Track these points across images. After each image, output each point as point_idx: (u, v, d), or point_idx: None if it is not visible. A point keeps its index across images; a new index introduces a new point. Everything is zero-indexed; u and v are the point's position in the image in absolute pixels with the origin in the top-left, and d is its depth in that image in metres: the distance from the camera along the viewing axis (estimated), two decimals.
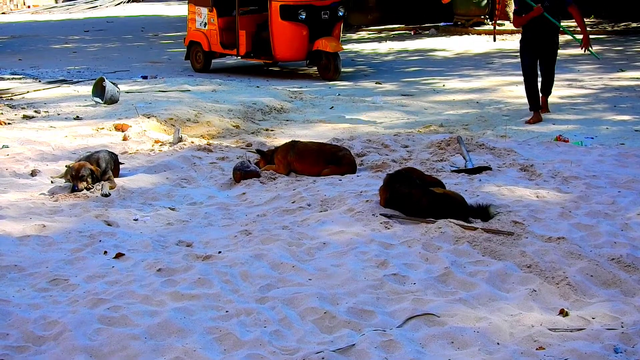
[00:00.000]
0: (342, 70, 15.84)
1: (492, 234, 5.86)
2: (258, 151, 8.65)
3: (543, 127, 10.41)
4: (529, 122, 10.79)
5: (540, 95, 11.02)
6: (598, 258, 5.42)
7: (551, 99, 10.99)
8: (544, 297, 4.92)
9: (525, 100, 11.07)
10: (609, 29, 21.84)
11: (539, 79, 10.98)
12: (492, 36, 21.05)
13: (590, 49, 10.92)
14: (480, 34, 21.78)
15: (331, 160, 8.17)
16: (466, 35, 21.91)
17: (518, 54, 11.15)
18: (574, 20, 11.09)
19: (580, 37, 11.02)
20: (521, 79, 11.11)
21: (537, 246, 5.60)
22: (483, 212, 6.31)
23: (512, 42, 19.02)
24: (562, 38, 16.27)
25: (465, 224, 6.09)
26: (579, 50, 11.78)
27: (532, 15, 10.53)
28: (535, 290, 4.97)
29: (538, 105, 10.95)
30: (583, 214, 6.41)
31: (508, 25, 20.94)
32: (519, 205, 6.60)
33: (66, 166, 7.91)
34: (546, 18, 10.50)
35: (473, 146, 8.87)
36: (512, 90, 13.42)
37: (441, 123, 11.14)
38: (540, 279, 5.14)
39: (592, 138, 9.83)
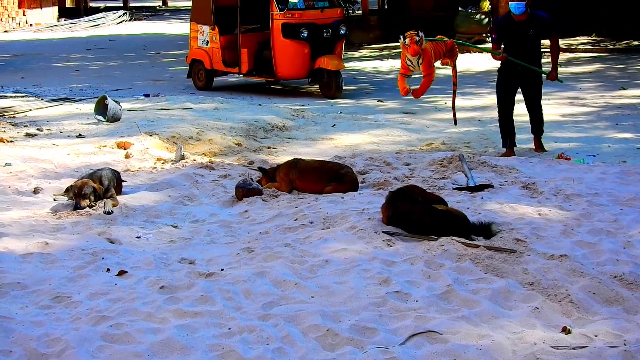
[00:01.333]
0: (344, 88, 15.89)
1: (494, 251, 5.86)
2: (260, 169, 8.67)
3: (545, 145, 10.39)
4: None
5: (532, 136, 10.29)
6: (600, 276, 5.41)
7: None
8: (547, 315, 4.92)
9: (527, 118, 10.40)
10: (611, 47, 21.92)
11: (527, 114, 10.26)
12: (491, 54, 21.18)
13: (557, 80, 10.27)
14: (481, 52, 21.85)
15: (333, 178, 8.17)
16: (467, 53, 21.96)
17: None
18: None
19: (547, 70, 10.13)
20: (520, 96, 10.37)
21: (539, 264, 5.60)
22: (485, 230, 6.31)
23: None
24: (563, 56, 16.36)
25: (468, 241, 6.08)
26: (580, 68, 11.67)
27: (496, 59, 10.13)
28: (537, 308, 4.97)
29: (513, 142, 10.14)
30: (585, 232, 6.41)
31: None
32: (521, 223, 6.60)
33: (67, 188, 7.89)
34: (526, 47, 9.82)
35: (475, 164, 8.88)
36: None
37: (443, 141, 11.15)
38: (542, 296, 5.13)
39: (594, 156, 9.84)
